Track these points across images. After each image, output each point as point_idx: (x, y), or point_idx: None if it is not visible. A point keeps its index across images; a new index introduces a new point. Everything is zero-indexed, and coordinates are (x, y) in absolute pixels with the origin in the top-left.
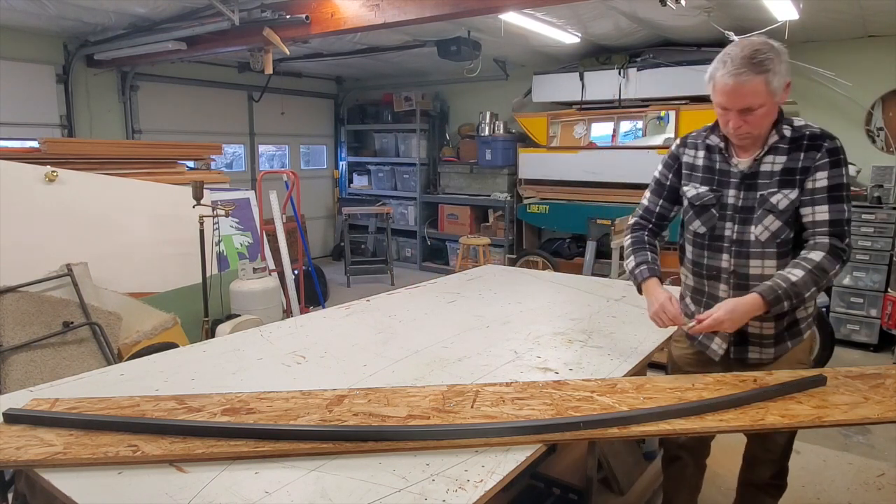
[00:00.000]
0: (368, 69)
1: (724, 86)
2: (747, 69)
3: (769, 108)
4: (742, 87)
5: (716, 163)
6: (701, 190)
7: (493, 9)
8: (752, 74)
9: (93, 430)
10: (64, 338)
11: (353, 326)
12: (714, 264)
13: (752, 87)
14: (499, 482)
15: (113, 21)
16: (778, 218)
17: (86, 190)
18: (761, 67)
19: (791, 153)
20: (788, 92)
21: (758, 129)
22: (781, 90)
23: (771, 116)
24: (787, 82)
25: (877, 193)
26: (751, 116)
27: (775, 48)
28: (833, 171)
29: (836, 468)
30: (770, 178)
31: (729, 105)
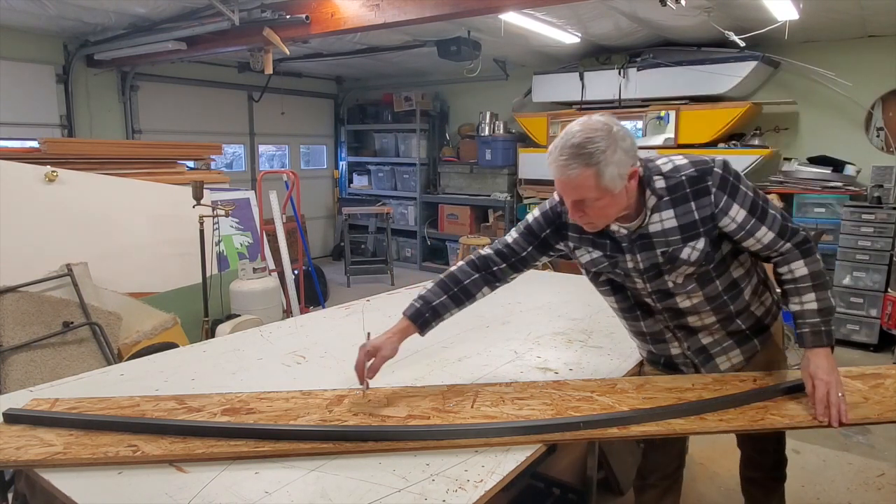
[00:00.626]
0: (368, 69)
1: (555, 176)
2: (575, 161)
3: (608, 200)
4: (570, 180)
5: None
6: (595, 255)
7: (493, 9)
8: (580, 167)
9: (93, 431)
10: (64, 338)
11: (353, 326)
12: (642, 308)
13: (580, 181)
14: (499, 482)
15: (113, 21)
16: (692, 265)
17: (86, 190)
18: (591, 160)
19: (678, 205)
20: (636, 179)
21: (602, 219)
22: (621, 181)
23: (615, 206)
24: (629, 171)
25: (877, 193)
26: (589, 209)
27: (612, 134)
28: (739, 198)
29: (836, 468)
30: (665, 237)
31: (562, 195)
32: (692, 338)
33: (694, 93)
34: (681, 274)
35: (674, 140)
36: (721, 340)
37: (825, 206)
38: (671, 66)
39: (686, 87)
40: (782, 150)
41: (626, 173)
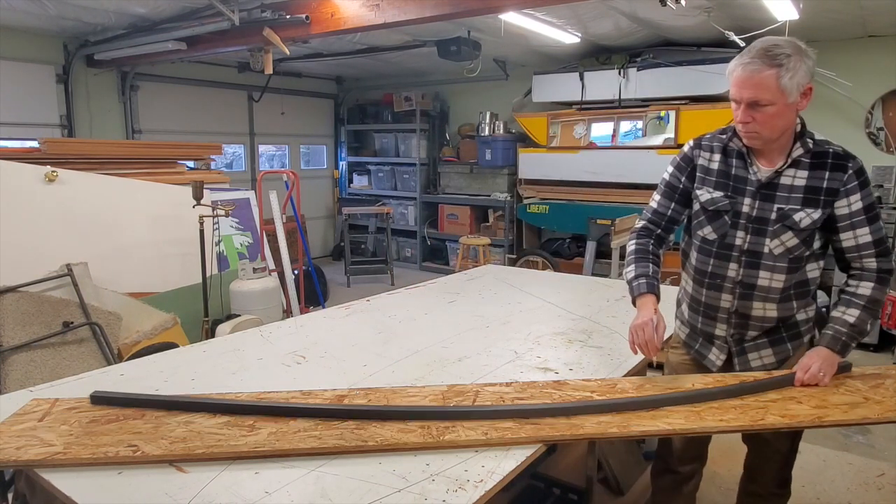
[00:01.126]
0: (368, 69)
1: (735, 75)
2: (760, 60)
3: (780, 108)
4: (751, 77)
5: (732, 168)
6: (715, 195)
7: (493, 9)
8: (763, 66)
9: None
10: (64, 338)
11: (353, 326)
12: (719, 272)
13: (760, 78)
14: (499, 482)
15: (113, 21)
16: (797, 235)
17: (86, 190)
18: (774, 61)
19: (814, 170)
20: (808, 99)
21: (766, 129)
22: (797, 92)
23: (783, 119)
24: (806, 86)
25: (877, 193)
26: (759, 113)
27: (799, 48)
28: (864, 192)
29: (836, 468)
30: (789, 193)
31: (738, 96)
32: (742, 326)
33: (694, 93)
34: (782, 243)
35: (674, 140)
36: (760, 337)
37: None
38: (671, 66)
39: (686, 87)
40: None
41: (803, 84)
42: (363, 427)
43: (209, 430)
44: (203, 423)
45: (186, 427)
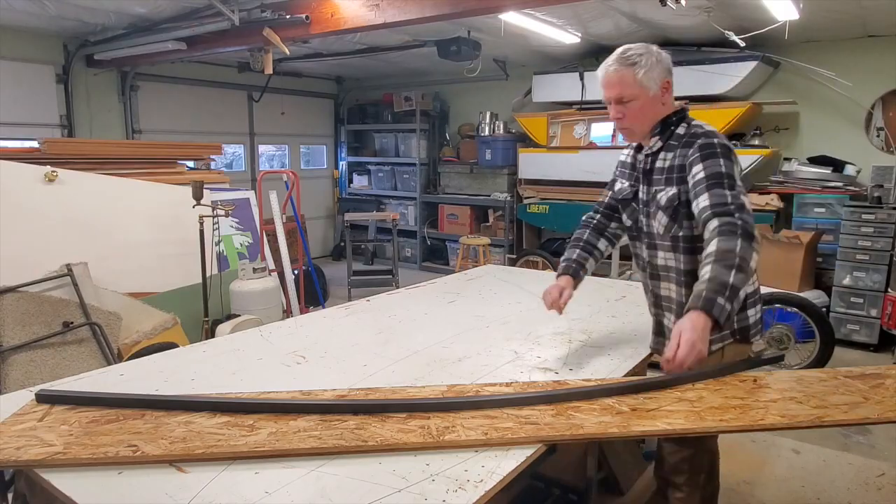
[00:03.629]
0: (368, 69)
1: (601, 79)
2: (617, 63)
3: (644, 101)
4: (612, 77)
5: (636, 160)
6: (623, 185)
7: (493, 9)
8: (621, 66)
9: (95, 430)
10: (64, 338)
11: (353, 326)
12: (640, 254)
13: (620, 76)
14: (499, 482)
15: (113, 21)
16: (664, 213)
17: (86, 190)
18: (629, 61)
19: (674, 150)
20: (669, 92)
21: (636, 122)
22: (655, 86)
23: (649, 111)
24: (664, 81)
25: (877, 193)
26: (627, 109)
27: (649, 49)
28: (707, 162)
29: (836, 468)
30: (661, 175)
31: (607, 96)
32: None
33: (694, 93)
34: (658, 222)
35: None
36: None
37: (825, 206)
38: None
39: (686, 87)
40: (782, 150)
41: (660, 79)
42: (363, 427)
43: (209, 430)
44: (203, 423)
45: (186, 427)
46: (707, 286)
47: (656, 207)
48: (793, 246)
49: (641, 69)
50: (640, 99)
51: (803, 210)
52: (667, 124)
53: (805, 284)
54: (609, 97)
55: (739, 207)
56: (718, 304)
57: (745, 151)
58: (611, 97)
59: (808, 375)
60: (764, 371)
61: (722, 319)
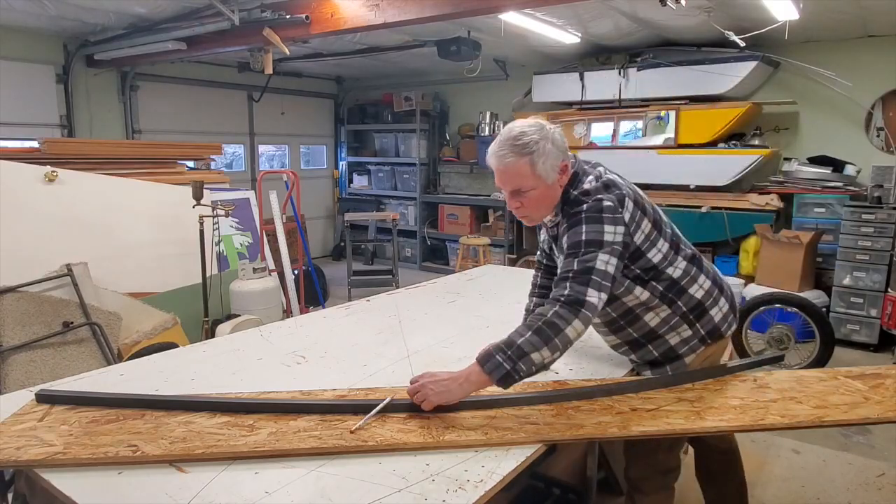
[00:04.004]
0: (368, 69)
1: (493, 167)
2: (509, 151)
3: (542, 190)
4: (507, 169)
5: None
6: (543, 238)
7: (493, 9)
8: (516, 157)
9: (95, 430)
10: (64, 338)
11: (353, 326)
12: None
13: (516, 168)
14: (499, 482)
15: (113, 21)
16: None
17: (86, 190)
18: (524, 150)
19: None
20: (567, 174)
21: (535, 211)
22: (554, 172)
23: (548, 198)
24: (561, 164)
25: (877, 193)
26: (524, 198)
27: (544, 130)
28: (570, 232)
29: (836, 468)
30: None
31: (501, 186)
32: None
33: (694, 93)
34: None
35: (674, 140)
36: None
37: (825, 206)
38: (671, 66)
39: (686, 87)
40: (782, 150)
41: (557, 165)
42: (363, 427)
43: (209, 430)
44: (203, 423)
45: (186, 427)
46: (497, 342)
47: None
48: (793, 246)
49: (539, 158)
50: (540, 188)
51: (803, 210)
52: (564, 197)
53: (805, 284)
54: (502, 187)
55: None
56: (494, 360)
57: (745, 151)
58: (506, 189)
59: (808, 375)
60: (764, 371)
61: (495, 376)
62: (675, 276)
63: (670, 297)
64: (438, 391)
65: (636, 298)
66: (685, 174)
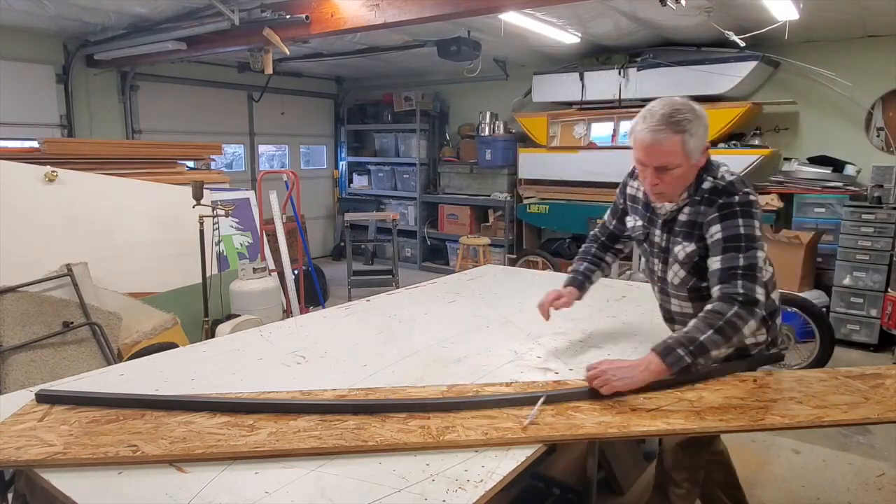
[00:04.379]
0: (368, 69)
1: (642, 141)
2: (665, 127)
3: (685, 169)
4: (659, 144)
5: (647, 198)
6: (637, 223)
7: (493, 9)
8: (670, 133)
9: (95, 430)
10: (64, 338)
11: (353, 326)
12: (652, 290)
13: (668, 145)
14: (499, 482)
15: (113, 21)
16: (682, 267)
17: (86, 190)
18: (679, 127)
19: (697, 206)
20: (706, 156)
21: (672, 189)
22: (699, 153)
23: (686, 178)
24: (704, 146)
25: (877, 193)
26: (667, 175)
27: (695, 111)
28: (725, 223)
29: (836, 468)
30: (681, 227)
31: (646, 161)
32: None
33: (694, 93)
34: (675, 274)
35: None
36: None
37: (825, 206)
38: (671, 66)
39: (686, 87)
40: (782, 150)
41: (702, 146)
42: (363, 427)
43: (209, 430)
44: (203, 423)
45: (186, 427)
46: (676, 336)
47: (674, 260)
48: (793, 246)
49: (691, 137)
50: (684, 167)
51: (803, 210)
52: (696, 181)
53: (805, 284)
54: (649, 162)
55: (748, 270)
56: (676, 354)
57: (745, 151)
58: (651, 163)
59: (808, 375)
60: (764, 371)
61: (675, 368)
62: (765, 278)
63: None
64: (621, 377)
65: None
66: None
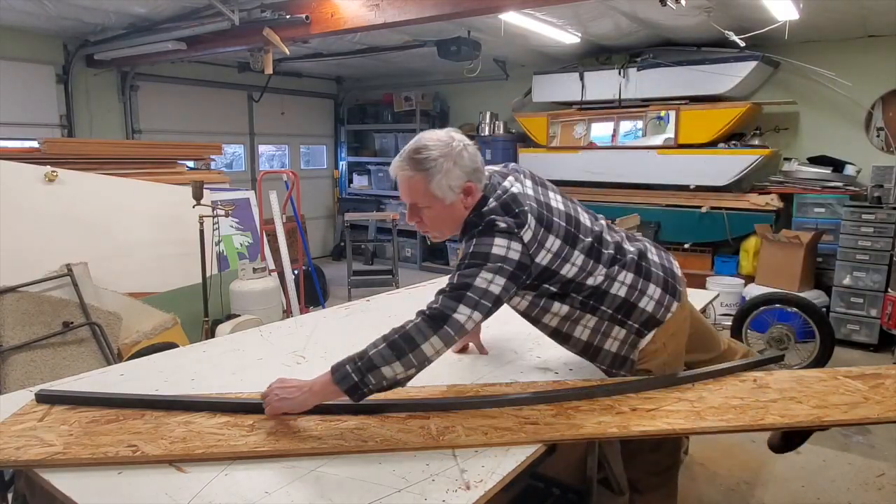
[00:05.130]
0: (368, 69)
1: (394, 178)
2: (408, 165)
3: (439, 210)
4: (404, 182)
5: None
6: None
7: (493, 9)
8: (413, 171)
9: (95, 430)
10: (64, 338)
11: (353, 326)
12: None
13: (411, 183)
14: (499, 482)
15: (113, 21)
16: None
17: (86, 190)
18: (420, 166)
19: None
20: (473, 196)
21: (434, 229)
22: (453, 194)
23: (448, 218)
24: (464, 185)
25: (877, 193)
26: (423, 215)
27: (450, 147)
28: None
29: (836, 468)
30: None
31: (401, 197)
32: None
33: (694, 93)
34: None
35: (674, 140)
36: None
37: (825, 206)
38: (671, 66)
39: (686, 87)
40: (782, 150)
41: (457, 186)
42: (363, 427)
43: (209, 430)
44: (203, 423)
45: (186, 427)
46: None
47: None
48: (793, 246)
49: (434, 176)
50: (434, 208)
51: (803, 210)
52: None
53: (805, 284)
54: (402, 199)
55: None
56: (344, 370)
57: (745, 151)
58: (403, 199)
59: (808, 375)
60: (764, 371)
61: (343, 386)
62: (594, 283)
63: (592, 305)
64: (283, 397)
65: (556, 315)
66: (685, 174)
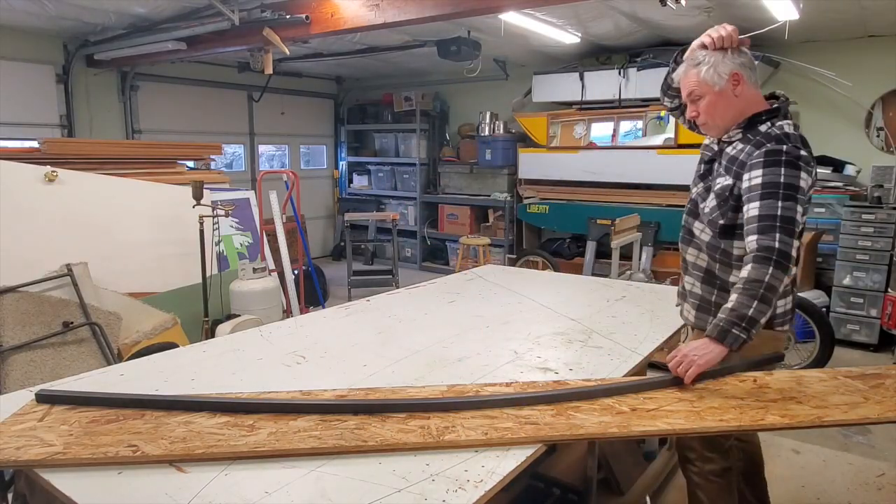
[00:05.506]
0: (368, 69)
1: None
2: (686, 63)
3: (712, 97)
4: (681, 76)
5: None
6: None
7: (493, 9)
8: (688, 66)
9: (95, 430)
10: (64, 338)
11: (353, 326)
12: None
13: (687, 76)
14: (499, 482)
15: (113, 21)
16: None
17: (86, 190)
18: (693, 62)
19: (749, 147)
20: (742, 85)
21: (709, 117)
22: (722, 80)
23: (720, 106)
24: (731, 74)
25: (877, 193)
26: (699, 105)
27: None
28: (768, 170)
29: (836, 468)
30: (727, 162)
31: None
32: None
33: None
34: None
35: (674, 140)
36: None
37: (825, 206)
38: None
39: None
40: None
41: (726, 73)
42: (363, 427)
43: (209, 430)
44: (203, 423)
45: (186, 427)
46: (726, 316)
47: (712, 194)
48: None
49: (703, 66)
50: (708, 96)
51: None
52: (753, 121)
53: (805, 284)
54: (683, 96)
55: (784, 223)
56: (732, 335)
57: None
58: (683, 96)
59: (808, 375)
60: (764, 371)
61: (735, 347)
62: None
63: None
64: (703, 354)
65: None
66: (685, 174)
